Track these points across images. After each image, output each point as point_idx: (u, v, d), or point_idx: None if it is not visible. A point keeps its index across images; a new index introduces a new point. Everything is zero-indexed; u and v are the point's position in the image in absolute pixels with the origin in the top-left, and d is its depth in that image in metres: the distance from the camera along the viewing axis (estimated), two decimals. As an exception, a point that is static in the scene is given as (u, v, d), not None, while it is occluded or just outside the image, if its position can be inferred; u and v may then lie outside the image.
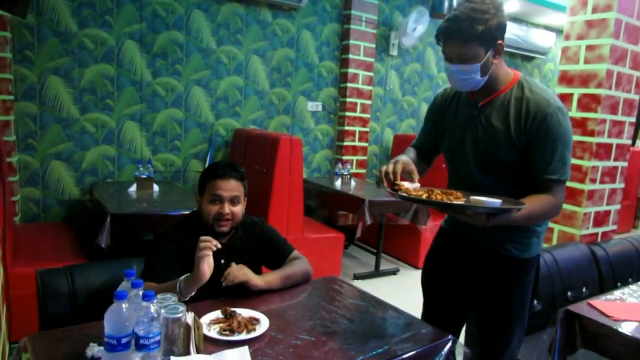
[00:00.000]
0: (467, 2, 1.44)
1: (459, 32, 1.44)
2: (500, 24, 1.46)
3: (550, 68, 6.91)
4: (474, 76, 1.49)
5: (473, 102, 1.60)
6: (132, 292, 1.15)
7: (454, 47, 1.47)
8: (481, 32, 1.42)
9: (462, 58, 1.47)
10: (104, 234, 2.71)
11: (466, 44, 1.44)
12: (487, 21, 1.42)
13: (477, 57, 1.46)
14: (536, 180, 1.52)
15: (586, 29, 2.77)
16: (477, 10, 1.42)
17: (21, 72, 3.47)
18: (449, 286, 1.81)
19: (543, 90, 1.53)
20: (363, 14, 4.85)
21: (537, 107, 1.48)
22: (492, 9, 1.43)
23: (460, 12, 1.44)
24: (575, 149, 2.83)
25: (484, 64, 1.48)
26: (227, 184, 1.72)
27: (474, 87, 1.53)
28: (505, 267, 1.65)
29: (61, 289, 1.65)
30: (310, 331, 1.44)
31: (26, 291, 2.18)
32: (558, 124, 1.47)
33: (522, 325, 1.71)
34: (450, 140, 1.70)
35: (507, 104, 1.53)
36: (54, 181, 3.71)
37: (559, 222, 2.94)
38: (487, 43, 1.45)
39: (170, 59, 4.04)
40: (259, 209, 3.58)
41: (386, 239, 4.33)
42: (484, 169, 1.59)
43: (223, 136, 4.41)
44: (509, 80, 1.56)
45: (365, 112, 5.08)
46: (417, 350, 1.37)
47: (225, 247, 1.69)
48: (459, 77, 1.51)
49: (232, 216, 1.73)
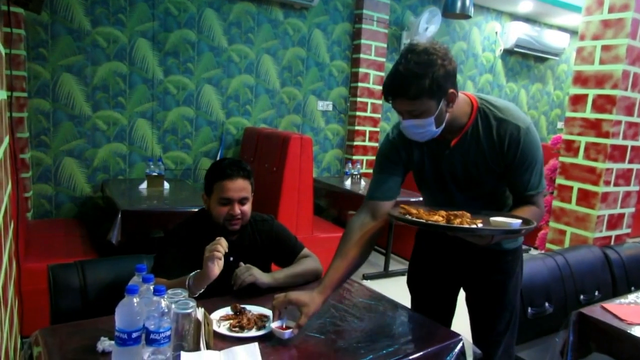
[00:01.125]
0: (410, 54, 1.33)
1: (404, 90, 1.34)
2: (448, 73, 1.34)
3: (564, 69, 6.85)
4: (429, 128, 1.41)
5: (442, 140, 1.51)
6: (143, 287, 1.15)
7: (403, 104, 1.38)
8: (428, 86, 1.32)
9: (413, 114, 1.38)
10: (115, 231, 2.73)
11: (414, 100, 1.34)
12: (434, 74, 1.31)
13: (428, 111, 1.36)
14: (520, 196, 1.53)
15: (602, 28, 2.73)
16: (421, 64, 1.31)
17: (35, 69, 3.50)
18: (435, 282, 1.81)
19: (506, 111, 1.47)
20: (375, 14, 4.84)
21: (507, 134, 1.44)
22: (438, 60, 1.32)
23: (404, 68, 1.32)
24: (589, 151, 2.80)
25: (437, 116, 1.38)
26: (235, 184, 1.70)
27: (431, 137, 1.45)
28: (497, 259, 1.68)
29: (72, 284, 1.66)
30: (320, 329, 1.43)
31: (38, 286, 2.19)
32: (530, 144, 1.45)
33: (515, 315, 1.74)
34: (429, 180, 1.64)
35: (477, 136, 1.48)
36: (66, 178, 3.74)
37: (572, 224, 2.91)
38: (437, 95, 1.35)
39: (181, 57, 4.05)
40: (269, 207, 3.58)
41: (395, 240, 4.31)
42: (471, 197, 1.59)
43: (233, 135, 4.42)
44: (469, 111, 1.48)
45: (376, 111, 5.06)
46: (428, 350, 1.36)
47: (234, 244, 1.69)
48: (414, 131, 1.43)
49: (242, 215, 1.73)
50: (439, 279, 1.80)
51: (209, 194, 1.76)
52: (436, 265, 1.80)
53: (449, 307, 1.85)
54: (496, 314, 1.71)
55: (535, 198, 1.52)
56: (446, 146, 1.52)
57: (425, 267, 1.85)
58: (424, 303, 1.84)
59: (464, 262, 1.72)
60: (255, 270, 1.65)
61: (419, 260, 1.88)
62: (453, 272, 1.77)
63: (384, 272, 4.21)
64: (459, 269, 1.75)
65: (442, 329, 1.51)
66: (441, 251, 1.76)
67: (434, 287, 1.82)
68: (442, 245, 1.74)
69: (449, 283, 1.81)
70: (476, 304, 1.76)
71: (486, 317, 1.73)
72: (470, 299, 1.78)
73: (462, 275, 1.76)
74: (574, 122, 2.89)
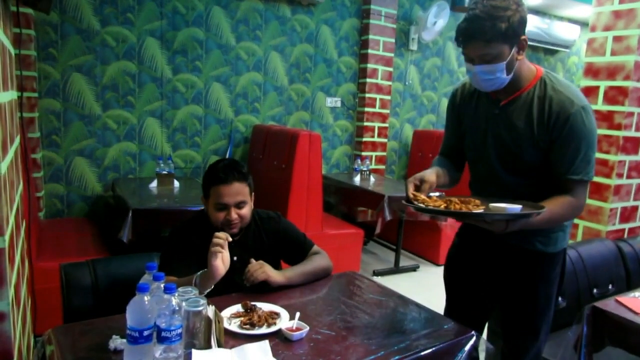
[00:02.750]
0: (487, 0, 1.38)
1: (481, 32, 1.37)
2: (522, 19, 1.39)
3: (574, 61, 6.76)
4: (499, 75, 1.43)
5: (494, 100, 1.55)
6: (153, 285, 1.16)
7: (477, 48, 1.41)
8: (504, 30, 1.36)
9: (485, 58, 1.41)
10: (126, 229, 2.75)
11: (489, 43, 1.38)
12: (510, 18, 1.35)
13: (501, 55, 1.40)
14: (559, 180, 1.48)
15: (613, 19, 2.69)
16: (497, 7, 1.36)
17: (45, 69, 3.53)
18: (472, 282, 1.78)
19: (567, 88, 1.47)
20: (382, 9, 4.81)
21: (560, 106, 1.43)
22: (514, 4, 1.37)
23: (481, 11, 1.37)
24: (602, 143, 2.76)
25: (509, 62, 1.42)
26: (231, 189, 1.67)
27: (499, 87, 1.48)
28: (531, 262, 1.62)
29: (84, 283, 1.68)
30: (331, 326, 1.43)
31: (50, 285, 2.21)
32: (582, 123, 1.43)
33: (548, 320, 1.67)
34: (472, 140, 1.66)
35: (530, 102, 1.48)
36: (76, 177, 3.77)
37: (584, 217, 2.87)
38: (511, 40, 1.39)
39: (190, 55, 4.06)
40: (278, 204, 3.58)
41: (406, 235, 4.30)
42: (508, 168, 1.56)
43: (242, 132, 4.42)
44: (531, 77, 1.51)
45: (385, 107, 5.04)
46: (439, 346, 1.35)
47: (236, 244, 1.67)
48: (483, 77, 1.45)
49: (240, 219, 1.70)
50: (476, 280, 1.77)
51: (207, 198, 1.74)
52: (474, 266, 1.77)
53: (485, 309, 1.80)
54: (526, 319, 1.65)
55: (575, 185, 1.46)
56: (496, 106, 1.54)
57: (463, 267, 1.81)
58: (459, 303, 1.83)
59: (499, 263, 1.68)
60: (267, 267, 1.65)
61: (457, 259, 1.85)
62: (490, 273, 1.72)
63: (395, 268, 4.20)
64: (495, 271, 1.70)
65: (454, 324, 1.49)
66: (479, 250, 1.74)
67: (470, 287, 1.79)
68: (479, 243, 1.72)
69: (486, 285, 1.75)
70: (507, 307, 1.71)
71: (516, 320, 1.68)
72: (501, 301, 1.73)
73: (498, 277, 1.71)
74: (585, 114, 2.85)
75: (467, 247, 1.80)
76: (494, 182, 1.60)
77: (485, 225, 1.36)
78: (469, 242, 1.79)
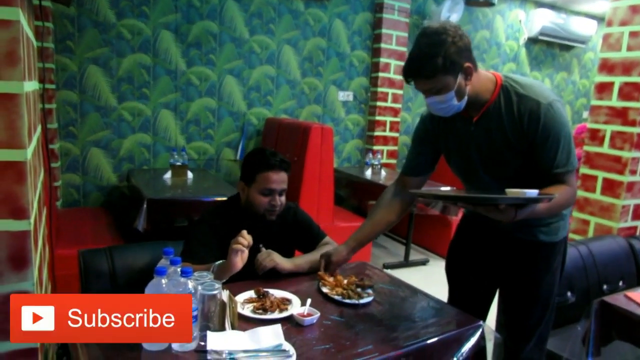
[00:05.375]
0: (422, 38, 1.42)
1: (420, 70, 1.43)
2: (460, 49, 1.40)
3: (590, 57, 6.69)
4: (452, 103, 1.46)
5: (467, 117, 1.56)
6: (170, 269, 1.20)
7: (421, 84, 1.46)
8: (441, 64, 1.39)
9: (432, 91, 1.45)
10: (141, 219, 2.80)
11: (430, 79, 1.42)
12: (446, 51, 1.38)
13: (447, 86, 1.43)
14: (547, 175, 1.51)
15: (630, 14, 2.67)
16: (432, 44, 1.39)
17: (62, 61, 3.59)
18: (474, 273, 1.81)
19: (530, 88, 1.48)
20: (396, 3, 4.80)
21: (528, 109, 1.45)
22: (449, 38, 1.38)
23: (418, 50, 1.42)
24: (615, 140, 2.75)
25: (457, 90, 1.44)
26: (279, 176, 1.76)
27: (457, 111, 1.51)
28: (534, 253, 1.65)
29: (102, 269, 1.72)
30: (341, 313, 1.46)
31: (68, 271, 2.27)
32: (553, 119, 1.44)
33: (550, 310, 1.71)
34: (457, 159, 1.68)
35: (499, 112, 1.50)
36: (93, 168, 3.84)
37: (596, 214, 2.87)
38: (453, 71, 1.41)
39: (204, 48, 4.10)
40: (290, 197, 3.56)
41: (416, 229, 4.31)
42: (498, 178, 1.58)
43: (255, 125, 4.46)
44: (493, 87, 1.51)
45: (397, 102, 5.04)
46: (447, 335, 1.38)
47: (263, 232, 1.74)
48: (437, 107, 1.49)
49: (280, 206, 1.78)
50: (478, 270, 1.80)
51: (250, 184, 1.78)
52: (475, 256, 1.80)
53: (486, 298, 1.84)
54: (527, 308, 1.69)
55: (564, 176, 1.49)
56: (470, 123, 1.56)
57: (464, 258, 1.85)
58: (461, 293, 1.85)
59: (500, 254, 1.71)
60: (275, 255, 1.69)
61: (459, 250, 1.88)
62: (491, 263, 1.75)
63: (405, 261, 4.22)
64: (496, 261, 1.73)
65: (462, 314, 1.52)
66: (480, 241, 1.76)
67: (472, 277, 1.82)
68: (481, 235, 1.75)
69: (487, 275, 1.79)
70: (508, 296, 1.75)
71: (517, 309, 1.71)
72: (502, 290, 1.77)
73: (499, 267, 1.74)
74: (599, 110, 2.84)
75: (468, 239, 1.83)
76: (480, 187, 1.63)
77: (495, 213, 1.34)
78: (471, 234, 1.82)
